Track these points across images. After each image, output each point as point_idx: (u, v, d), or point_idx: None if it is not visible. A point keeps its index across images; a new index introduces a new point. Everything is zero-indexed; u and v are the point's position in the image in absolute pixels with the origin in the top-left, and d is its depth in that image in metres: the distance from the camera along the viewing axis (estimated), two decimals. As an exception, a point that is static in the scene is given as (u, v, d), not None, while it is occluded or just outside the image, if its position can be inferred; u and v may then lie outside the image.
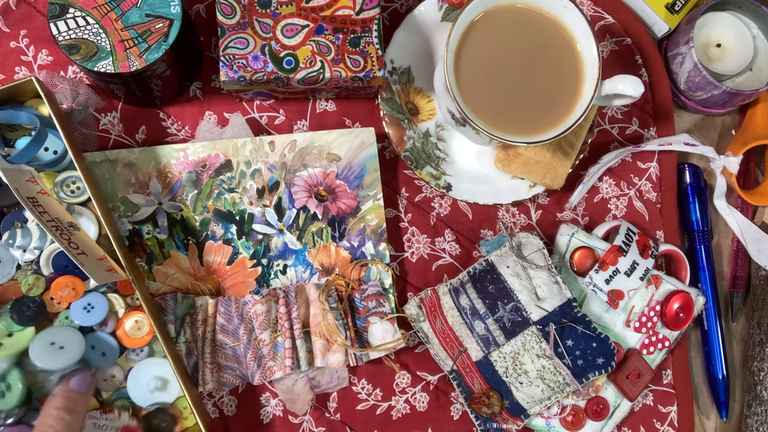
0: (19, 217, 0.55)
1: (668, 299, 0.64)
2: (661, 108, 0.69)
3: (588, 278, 0.62)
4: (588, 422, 0.63)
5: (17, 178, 0.52)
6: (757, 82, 0.69)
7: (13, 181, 0.51)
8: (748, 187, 0.71)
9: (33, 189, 0.53)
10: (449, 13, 0.64)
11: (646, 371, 0.63)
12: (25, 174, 0.54)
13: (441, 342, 0.62)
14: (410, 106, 0.64)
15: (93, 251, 0.53)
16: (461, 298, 0.61)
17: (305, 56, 0.57)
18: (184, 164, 0.61)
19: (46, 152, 0.55)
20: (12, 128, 0.56)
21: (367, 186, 0.63)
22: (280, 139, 0.62)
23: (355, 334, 0.61)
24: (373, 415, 0.63)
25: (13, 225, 0.54)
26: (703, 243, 0.69)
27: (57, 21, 0.53)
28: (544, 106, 0.57)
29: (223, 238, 0.61)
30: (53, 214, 0.52)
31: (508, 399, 0.60)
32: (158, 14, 0.54)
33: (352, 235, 0.63)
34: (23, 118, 0.54)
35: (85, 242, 0.53)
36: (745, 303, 0.71)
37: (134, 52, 0.54)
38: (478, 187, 0.64)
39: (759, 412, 0.66)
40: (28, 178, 0.53)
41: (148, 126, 0.63)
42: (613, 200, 0.68)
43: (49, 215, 0.52)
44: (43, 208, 0.52)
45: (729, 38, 0.69)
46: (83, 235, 0.54)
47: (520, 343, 0.59)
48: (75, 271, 0.55)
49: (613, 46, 0.69)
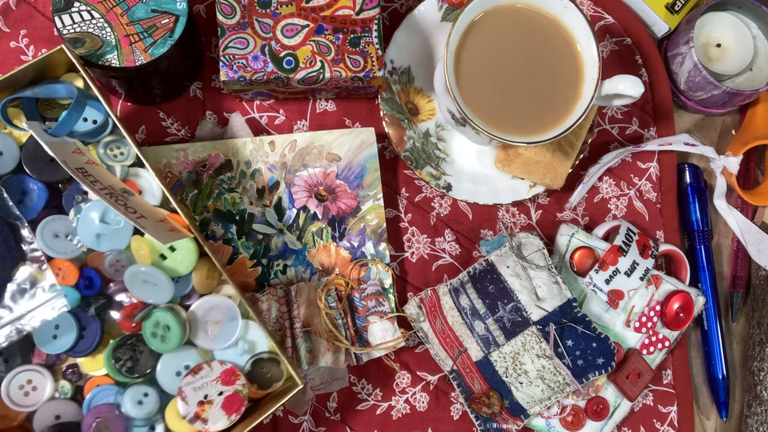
0: (78, 190, 0.54)
1: (668, 299, 0.64)
2: (661, 108, 0.69)
3: (588, 278, 0.62)
4: (588, 422, 0.63)
5: (63, 151, 0.51)
6: (757, 82, 0.69)
7: (60, 154, 0.50)
8: (748, 187, 0.71)
9: (81, 160, 0.52)
10: (449, 13, 0.64)
11: (646, 371, 0.63)
12: (70, 146, 0.53)
13: (441, 342, 0.62)
14: (410, 106, 0.64)
15: (153, 214, 0.52)
16: (461, 298, 0.61)
17: (305, 56, 0.57)
18: (184, 164, 0.61)
19: (86, 123, 0.54)
20: (49, 106, 0.55)
21: (367, 186, 0.63)
22: (280, 139, 0.62)
23: (355, 334, 0.61)
24: (373, 415, 0.63)
25: (74, 199, 0.53)
26: (703, 243, 0.69)
27: (62, 14, 0.53)
28: (544, 106, 0.57)
29: (223, 238, 0.61)
30: (105, 182, 0.51)
31: (508, 399, 0.60)
32: (164, 10, 0.54)
33: (352, 235, 0.63)
34: (61, 91, 0.53)
35: (142, 206, 0.52)
36: (745, 303, 0.71)
37: (140, 47, 0.54)
38: (478, 187, 0.64)
39: (759, 412, 0.66)
40: (73, 150, 0.52)
41: (148, 126, 0.63)
42: (613, 200, 0.68)
43: (101, 183, 0.50)
44: (94, 177, 0.51)
45: (729, 38, 0.69)
46: (139, 199, 0.53)
47: (520, 343, 0.59)
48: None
49: (613, 46, 0.69)
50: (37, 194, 0.53)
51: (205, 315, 0.54)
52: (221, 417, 0.53)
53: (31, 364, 0.52)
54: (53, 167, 0.53)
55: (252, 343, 0.55)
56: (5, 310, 0.51)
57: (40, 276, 0.52)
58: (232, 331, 0.55)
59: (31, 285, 0.51)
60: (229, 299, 0.55)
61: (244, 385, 0.54)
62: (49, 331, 0.52)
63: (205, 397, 0.53)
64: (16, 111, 0.54)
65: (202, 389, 0.53)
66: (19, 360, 0.52)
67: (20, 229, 0.52)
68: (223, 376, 0.53)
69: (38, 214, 0.53)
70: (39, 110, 0.54)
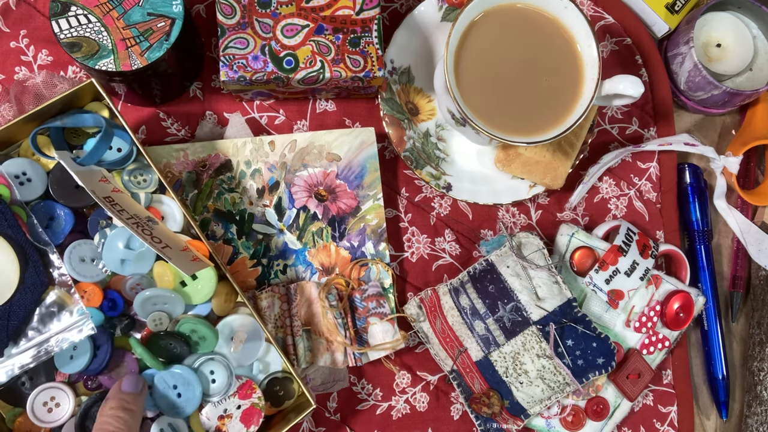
0: (102, 215, 0.55)
1: (668, 299, 0.64)
2: (661, 108, 0.69)
3: (588, 278, 0.62)
4: (588, 422, 0.63)
5: (90, 180, 0.52)
6: (757, 82, 0.69)
7: (87, 183, 0.51)
8: (748, 187, 0.71)
9: (107, 188, 0.53)
10: (449, 13, 0.64)
11: (646, 371, 0.63)
12: (97, 174, 0.54)
13: (441, 342, 0.62)
14: (410, 106, 0.64)
15: (176, 242, 0.54)
16: (461, 298, 0.61)
17: (305, 56, 0.57)
18: (184, 164, 0.61)
19: (111, 151, 0.55)
20: (75, 134, 0.56)
21: (367, 186, 0.63)
22: (280, 139, 0.62)
23: (355, 334, 0.61)
24: (373, 415, 0.63)
25: (98, 224, 0.55)
26: (703, 243, 0.69)
27: (59, 19, 0.54)
28: (544, 106, 0.57)
29: (223, 237, 0.61)
30: (131, 211, 0.53)
31: (508, 399, 0.60)
32: (160, 13, 0.54)
33: (352, 234, 0.63)
34: (89, 121, 0.55)
35: (166, 234, 0.54)
36: (745, 303, 0.71)
37: (136, 51, 0.54)
38: (478, 187, 0.64)
39: (759, 412, 0.66)
40: (100, 179, 0.54)
41: (148, 126, 0.63)
42: (613, 200, 0.68)
43: (127, 213, 0.52)
44: (121, 206, 0.52)
45: (729, 38, 0.69)
46: (163, 227, 0.55)
47: (520, 343, 0.59)
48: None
49: (613, 46, 0.69)
50: (64, 219, 0.54)
51: (234, 332, 0.56)
52: (241, 429, 0.56)
53: (54, 381, 0.54)
54: (79, 193, 0.54)
55: (267, 364, 0.58)
56: (34, 332, 0.52)
57: (68, 300, 0.53)
58: (255, 350, 0.57)
59: (59, 309, 0.53)
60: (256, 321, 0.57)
61: (261, 398, 0.56)
62: (68, 352, 0.53)
63: (224, 411, 0.55)
64: (44, 139, 0.55)
65: (221, 404, 0.55)
66: (43, 378, 0.54)
67: (49, 255, 0.53)
68: (240, 390, 0.56)
69: (65, 239, 0.54)
70: (65, 138, 0.56)
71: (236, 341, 0.56)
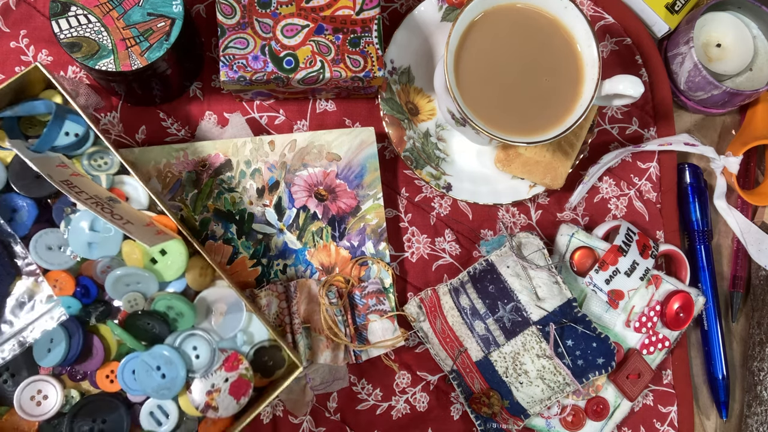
0: (66, 202, 0.55)
1: (668, 299, 0.64)
2: (661, 108, 0.69)
3: (588, 278, 0.62)
4: (588, 422, 0.63)
5: (47, 166, 0.52)
6: (757, 82, 0.69)
7: (44, 169, 0.51)
8: (748, 187, 0.71)
9: (65, 173, 0.53)
10: (449, 13, 0.64)
11: (646, 371, 0.63)
12: (54, 160, 0.54)
13: (441, 342, 0.62)
14: (410, 106, 0.64)
15: (139, 218, 0.53)
16: (461, 298, 0.61)
17: (305, 56, 0.57)
18: (183, 164, 0.61)
19: (67, 137, 0.55)
20: (31, 125, 0.56)
21: (367, 185, 0.63)
22: (280, 139, 0.62)
23: (355, 332, 0.61)
24: (373, 415, 0.63)
25: (63, 212, 0.55)
26: (703, 243, 0.69)
27: (59, 19, 0.54)
28: (544, 106, 0.57)
29: (223, 237, 0.61)
30: (91, 192, 0.53)
31: (508, 399, 0.60)
32: (160, 13, 0.54)
33: (352, 234, 0.63)
34: (40, 108, 0.54)
35: (128, 212, 0.54)
36: (745, 303, 0.71)
37: (136, 51, 0.54)
38: (478, 187, 0.64)
39: (759, 412, 0.66)
40: (57, 164, 0.53)
41: (148, 126, 0.63)
42: (613, 200, 0.68)
43: (86, 194, 0.52)
44: (80, 188, 0.52)
45: (729, 38, 0.69)
46: (125, 206, 0.55)
47: (520, 343, 0.59)
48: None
49: (613, 46, 0.69)
50: (27, 210, 0.54)
51: (212, 305, 0.56)
52: (231, 402, 0.55)
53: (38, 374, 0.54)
54: (40, 183, 0.54)
55: (251, 335, 0.57)
56: (6, 325, 0.52)
57: (36, 289, 0.53)
58: (237, 321, 0.56)
59: (29, 298, 0.53)
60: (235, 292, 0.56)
61: (248, 368, 0.55)
62: (44, 345, 0.53)
63: (212, 386, 0.54)
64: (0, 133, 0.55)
65: (208, 379, 0.55)
66: (26, 374, 0.54)
67: (13, 246, 0.53)
68: (226, 363, 0.55)
69: (30, 230, 0.54)
70: (21, 129, 0.56)
71: (216, 314, 0.55)
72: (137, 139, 0.63)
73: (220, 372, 0.55)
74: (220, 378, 0.55)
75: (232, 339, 0.56)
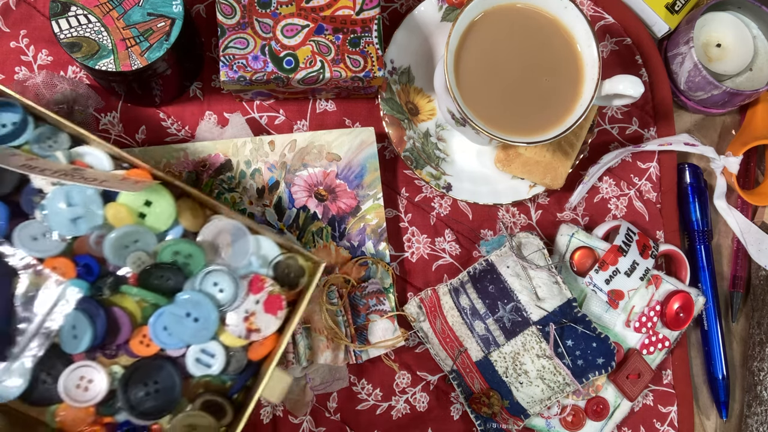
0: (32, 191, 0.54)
1: (668, 299, 0.64)
2: (661, 108, 0.69)
3: (588, 278, 0.62)
4: (588, 422, 0.63)
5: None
6: (757, 82, 0.69)
7: None
8: (748, 187, 0.71)
9: (20, 159, 0.52)
10: (449, 13, 0.64)
11: (646, 371, 0.63)
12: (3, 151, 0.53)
13: (441, 342, 0.62)
14: (410, 106, 0.64)
15: (113, 177, 0.53)
16: (461, 298, 0.61)
17: (305, 56, 0.57)
18: (184, 164, 0.61)
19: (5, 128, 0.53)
20: None
21: (367, 185, 0.63)
22: (280, 139, 0.62)
23: (355, 332, 0.61)
24: (373, 415, 0.63)
25: (33, 201, 0.53)
26: (703, 243, 0.69)
27: (59, 19, 0.54)
28: (544, 106, 0.57)
29: (223, 238, 0.61)
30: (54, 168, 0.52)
31: (508, 399, 0.60)
32: (160, 13, 0.54)
33: (352, 234, 0.63)
34: None
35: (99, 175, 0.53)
36: (745, 303, 0.71)
37: (136, 51, 0.54)
38: (478, 187, 0.64)
39: (759, 412, 0.66)
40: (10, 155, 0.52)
41: (148, 126, 0.63)
42: (613, 200, 0.68)
43: (50, 170, 0.51)
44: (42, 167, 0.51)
45: (729, 38, 0.69)
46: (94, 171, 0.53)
47: (520, 343, 0.59)
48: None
49: (613, 46, 0.69)
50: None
51: (215, 239, 0.55)
52: (270, 319, 0.55)
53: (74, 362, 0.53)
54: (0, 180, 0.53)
55: (263, 257, 0.56)
56: (25, 323, 0.52)
57: (40, 279, 0.52)
58: (245, 247, 0.55)
59: (36, 290, 0.52)
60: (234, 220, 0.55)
61: (274, 284, 0.55)
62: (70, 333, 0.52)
63: (246, 312, 0.54)
64: None
65: (240, 308, 0.54)
66: (60, 367, 0.53)
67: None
68: (252, 287, 0.55)
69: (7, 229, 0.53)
70: None
71: (223, 246, 0.55)
72: (137, 139, 0.63)
73: (249, 297, 0.54)
74: (251, 302, 0.54)
75: (247, 265, 0.56)
